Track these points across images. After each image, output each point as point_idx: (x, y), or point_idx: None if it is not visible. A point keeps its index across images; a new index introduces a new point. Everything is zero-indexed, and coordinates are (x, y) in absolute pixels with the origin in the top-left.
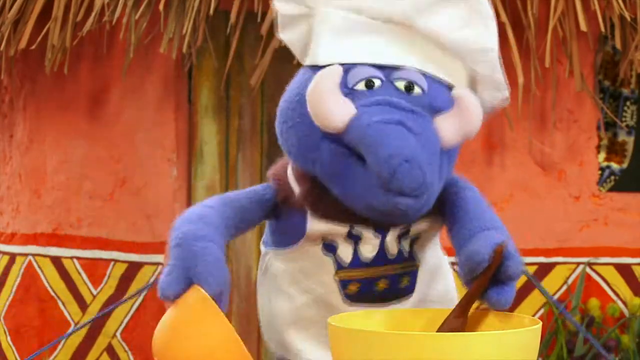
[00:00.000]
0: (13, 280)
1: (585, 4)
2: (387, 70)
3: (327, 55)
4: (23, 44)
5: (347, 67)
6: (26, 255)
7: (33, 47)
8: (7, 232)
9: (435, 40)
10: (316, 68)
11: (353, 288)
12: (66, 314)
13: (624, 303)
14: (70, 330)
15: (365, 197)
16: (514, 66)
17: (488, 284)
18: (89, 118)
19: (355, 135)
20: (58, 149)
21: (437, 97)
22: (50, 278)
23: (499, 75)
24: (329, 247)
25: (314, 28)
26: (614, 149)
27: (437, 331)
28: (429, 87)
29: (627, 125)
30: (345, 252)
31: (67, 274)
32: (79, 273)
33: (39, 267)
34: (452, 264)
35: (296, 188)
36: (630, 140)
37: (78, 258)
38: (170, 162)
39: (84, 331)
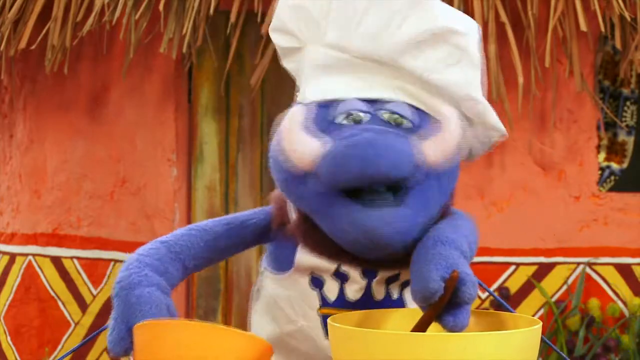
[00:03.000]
0: (13, 280)
1: (585, 4)
2: (374, 103)
3: (313, 92)
4: (23, 44)
5: (335, 102)
6: (26, 255)
7: (33, 47)
8: (7, 232)
9: (422, 80)
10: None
11: None
12: (66, 314)
13: (624, 303)
14: (71, 349)
15: (350, 232)
16: (514, 66)
17: (443, 308)
18: (89, 118)
19: (322, 166)
20: (58, 149)
21: (426, 127)
22: (50, 278)
23: (490, 118)
24: (316, 282)
25: (301, 65)
26: (614, 149)
27: None
28: (420, 121)
29: (627, 125)
30: (332, 289)
31: (67, 274)
32: (79, 273)
33: (39, 267)
34: None
35: (292, 215)
36: (630, 140)
37: (78, 258)
38: (170, 162)
39: (84, 332)
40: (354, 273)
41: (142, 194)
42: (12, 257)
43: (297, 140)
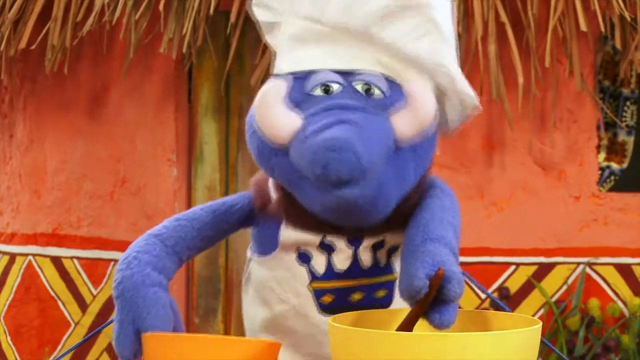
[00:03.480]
0: (13, 280)
1: (585, 4)
2: (348, 74)
3: (287, 64)
4: (23, 44)
5: (307, 74)
6: (26, 255)
7: (33, 47)
8: (7, 232)
9: (393, 51)
10: (277, 76)
11: (327, 299)
12: (66, 314)
13: (624, 303)
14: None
15: (318, 198)
16: (514, 66)
17: (429, 305)
18: (89, 118)
19: (294, 152)
20: (58, 149)
21: (398, 100)
22: (50, 278)
23: (462, 86)
24: (303, 257)
25: (279, 38)
26: (614, 149)
27: None
28: (390, 90)
29: (627, 125)
30: (319, 262)
31: (67, 274)
32: (79, 273)
33: (39, 267)
34: None
35: (274, 196)
36: (630, 140)
37: (78, 258)
38: (170, 162)
39: (84, 332)
40: (339, 243)
41: (142, 194)
42: (12, 257)
43: (273, 113)
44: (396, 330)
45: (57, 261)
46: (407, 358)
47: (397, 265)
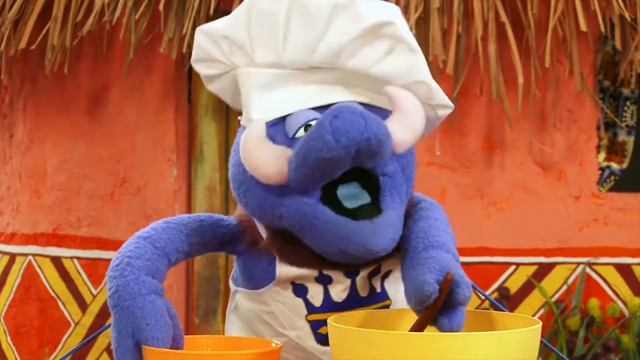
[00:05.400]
0: (13, 280)
1: (585, 4)
2: (324, 109)
3: (259, 112)
4: (23, 44)
5: (283, 118)
6: (26, 255)
7: (33, 47)
8: (7, 232)
9: (364, 76)
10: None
11: (325, 330)
12: (66, 314)
13: (624, 303)
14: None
15: (338, 245)
16: (514, 66)
17: (438, 310)
18: (89, 118)
19: (290, 167)
20: (58, 149)
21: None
22: (50, 278)
23: (438, 96)
24: (299, 290)
25: (241, 88)
26: (614, 149)
27: None
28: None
29: (627, 125)
30: (316, 294)
31: (67, 274)
32: (79, 273)
33: (39, 267)
34: None
35: (263, 233)
36: (630, 140)
37: (78, 258)
38: (170, 162)
39: (84, 332)
40: (336, 275)
41: (142, 194)
42: (12, 257)
43: (263, 151)
44: None
45: (57, 261)
46: (407, 358)
47: (390, 290)
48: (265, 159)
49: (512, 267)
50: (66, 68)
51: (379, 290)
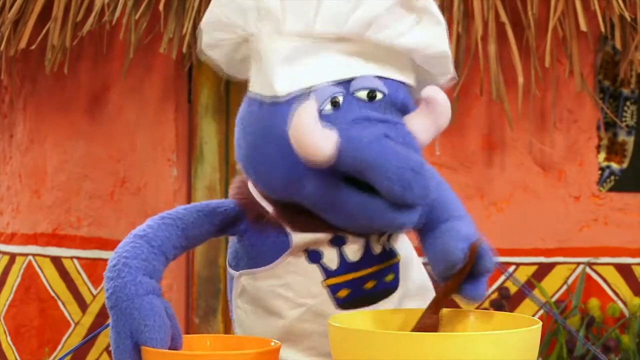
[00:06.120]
0: (13, 280)
1: (585, 4)
2: (345, 83)
3: (284, 85)
4: (23, 44)
5: (307, 91)
6: (26, 255)
7: (33, 47)
8: (7, 232)
9: (390, 49)
10: (275, 99)
11: (343, 293)
12: (66, 314)
13: (624, 303)
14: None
15: (367, 221)
16: (514, 66)
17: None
18: (89, 118)
19: (350, 160)
20: (58, 149)
21: (398, 97)
22: (50, 278)
23: (451, 68)
24: (314, 256)
25: (259, 57)
26: (614, 149)
27: (412, 330)
28: (389, 89)
29: (627, 125)
30: (331, 257)
31: (67, 274)
32: (79, 273)
33: (39, 267)
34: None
35: (267, 206)
36: (630, 140)
37: (78, 258)
38: (170, 162)
39: (84, 332)
40: (350, 235)
41: (142, 194)
42: (12, 257)
43: (317, 134)
44: (430, 304)
45: (57, 261)
46: (407, 358)
47: (398, 247)
48: (319, 143)
49: (512, 267)
50: (66, 68)
51: (388, 247)
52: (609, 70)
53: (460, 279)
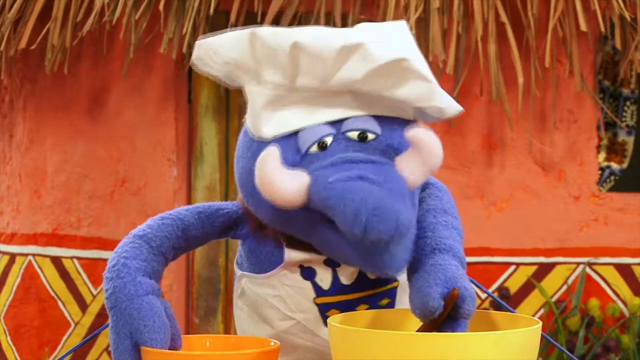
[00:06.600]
0: (13, 280)
1: (585, 4)
2: (337, 123)
3: (269, 127)
4: (23, 44)
5: (294, 133)
6: (26, 255)
7: (33, 47)
8: (7, 232)
9: (378, 99)
10: (261, 139)
11: (333, 313)
12: (66, 314)
13: (624, 303)
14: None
15: (349, 260)
16: (514, 66)
17: (441, 322)
18: (89, 118)
19: (317, 202)
20: (58, 149)
21: (394, 137)
22: (50, 278)
23: (449, 113)
24: (307, 273)
25: (248, 101)
26: (614, 149)
27: None
28: (382, 129)
29: (627, 125)
30: (324, 277)
31: (67, 274)
32: (79, 273)
33: (39, 267)
34: None
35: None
36: (630, 140)
37: (78, 258)
38: (170, 162)
39: (84, 332)
40: None
41: (142, 194)
42: (12, 257)
43: (279, 179)
44: None
45: (57, 261)
46: (407, 358)
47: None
48: (283, 187)
49: (512, 267)
50: (66, 68)
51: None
52: (609, 70)
53: (436, 323)
